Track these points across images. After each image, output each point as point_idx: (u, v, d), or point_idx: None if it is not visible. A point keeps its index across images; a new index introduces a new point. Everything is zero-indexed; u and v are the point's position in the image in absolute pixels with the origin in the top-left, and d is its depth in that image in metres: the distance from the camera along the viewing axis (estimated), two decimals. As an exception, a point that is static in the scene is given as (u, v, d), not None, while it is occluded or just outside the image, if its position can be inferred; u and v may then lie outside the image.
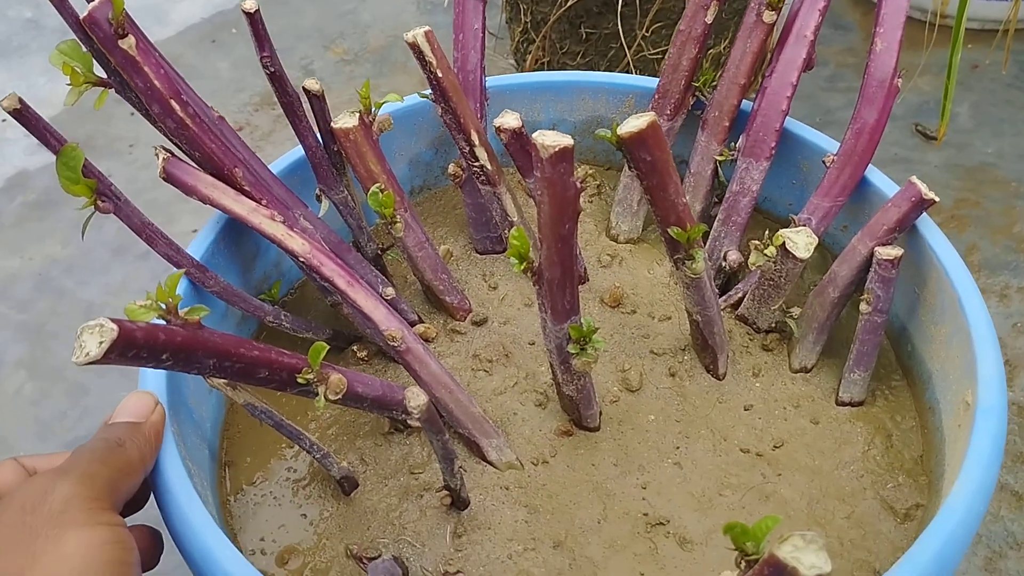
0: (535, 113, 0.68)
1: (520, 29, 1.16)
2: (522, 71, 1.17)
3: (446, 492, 0.50)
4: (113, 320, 0.36)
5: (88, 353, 0.36)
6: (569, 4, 1.04)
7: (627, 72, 1.07)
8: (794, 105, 0.59)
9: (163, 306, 0.43)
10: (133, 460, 0.41)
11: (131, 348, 0.37)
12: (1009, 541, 0.80)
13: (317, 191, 0.59)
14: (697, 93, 0.62)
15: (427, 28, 0.53)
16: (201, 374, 0.44)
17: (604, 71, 1.10)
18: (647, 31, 1.04)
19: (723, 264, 0.61)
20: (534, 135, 0.42)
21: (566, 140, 0.42)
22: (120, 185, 1.19)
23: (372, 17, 1.48)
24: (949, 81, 0.78)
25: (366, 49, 1.42)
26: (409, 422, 0.45)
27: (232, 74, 1.36)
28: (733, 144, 0.61)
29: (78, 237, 1.10)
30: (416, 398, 0.43)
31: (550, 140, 0.42)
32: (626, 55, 1.05)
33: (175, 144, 0.54)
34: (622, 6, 1.00)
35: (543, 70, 1.14)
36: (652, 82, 0.64)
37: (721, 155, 0.61)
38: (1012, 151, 1.15)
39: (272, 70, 0.54)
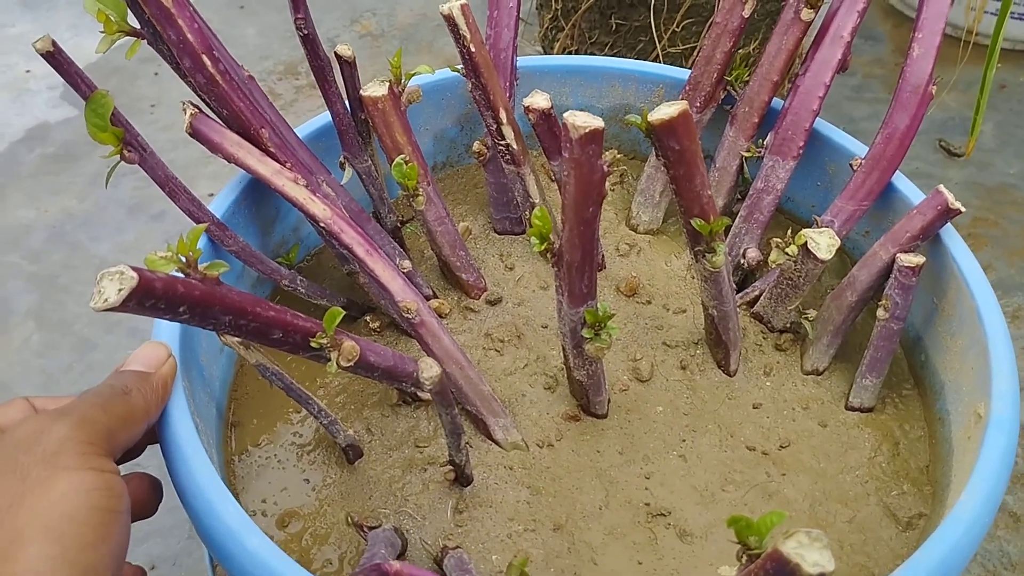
0: (563, 97, 0.68)
1: (550, 16, 1.16)
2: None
3: (450, 467, 0.50)
4: (134, 268, 0.36)
5: (107, 299, 0.35)
6: (602, -7, 1.03)
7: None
8: (820, 114, 0.58)
9: (183, 259, 0.43)
10: (137, 409, 0.41)
11: (150, 297, 0.37)
12: (1004, 561, 0.80)
13: (341, 158, 0.58)
14: (728, 87, 0.62)
15: (463, 1, 0.53)
16: (216, 330, 0.44)
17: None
18: (678, 26, 1.04)
19: (742, 261, 0.60)
20: (565, 115, 0.41)
21: (597, 122, 0.41)
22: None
23: (402, -7, 1.47)
24: (982, 96, 0.78)
25: (394, 26, 1.42)
26: (420, 394, 0.45)
27: (258, 41, 1.36)
28: (761, 141, 0.60)
29: (95, 192, 1.11)
30: (429, 369, 0.43)
31: (581, 121, 0.41)
32: (655, 48, 1.04)
33: (203, 101, 0.53)
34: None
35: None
36: (683, 73, 0.64)
37: (748, 151, 0.61)
38: (1034, 173, 1.15)
39: (305, 32, 0.54)
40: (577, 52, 1.13)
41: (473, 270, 0.60)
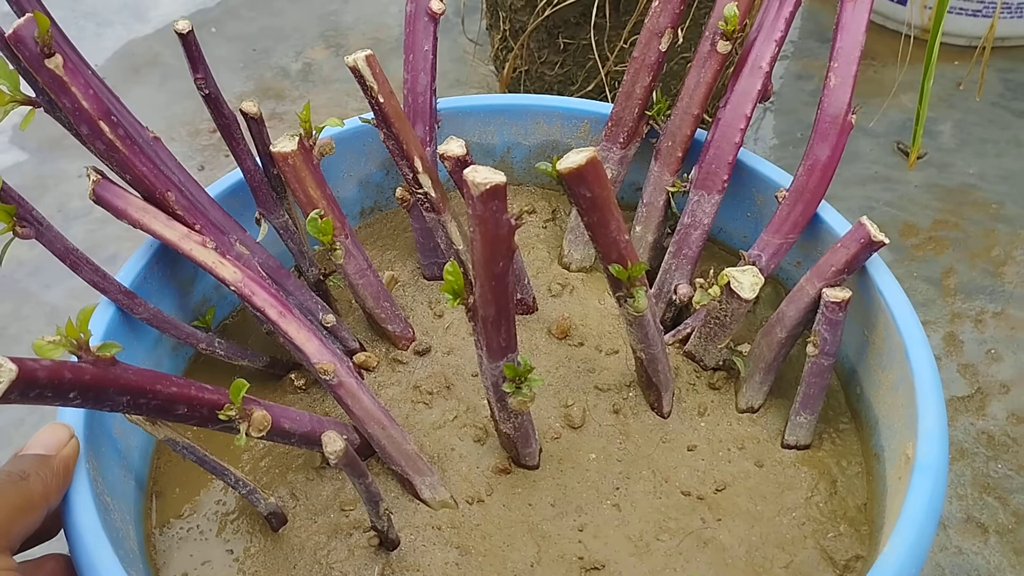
0: (489, 136, 0.66)
1: (499, 36, 1.15)
2: (500, 79, 1.16)
3: (374, 533, 0.48)
4: (13, 359, 0.35)
5: (-14, 394, 0.34)
6: (546, 14, 1.02)
7: (602, 85, 1.05)
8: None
9: (74, 342, 0.41)
10: (34, 495, 0.40)
11: (33, 388, 0.36)
12: (972, 575, 0.79)
13: (257, 215, 0.57)
14: (651, 122, 0.61)
15: (368, 52, 0.52)
16: (114, 411, 0.43)
17: (581, 82, 1.09)
18: (625, 43, 1.03)
19: (673, 297, 0.59)
20: (465, 172, 0.40)
21: (498, 177, 0.40)
22: (79, 195, 1.16)
23: (354, 19, 1.46)
24: (921, 106, 0.77)
25: (347, 51, 1.40)
26: (329, 463, 0.44)
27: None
28: (686, 175, 0.59)
29: (39, 241, 1.09)
30: (332, 443, 0.42)
31: (481, 177, 0.40)
32: (606, 62, 1.03)
33: (107, 166, 0.52)
34: (598, 18, 0.98)
35: (521, 78, 1.13)
36: (607, 108, 0.63)
37: (674, 186, 0.60)
38: (994, 172, 1.14)
39: (207, 92, 0.53)
40: (528, 72, 1.12)
41: (400, 320, 0.59)
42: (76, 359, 0.39)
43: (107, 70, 1.32)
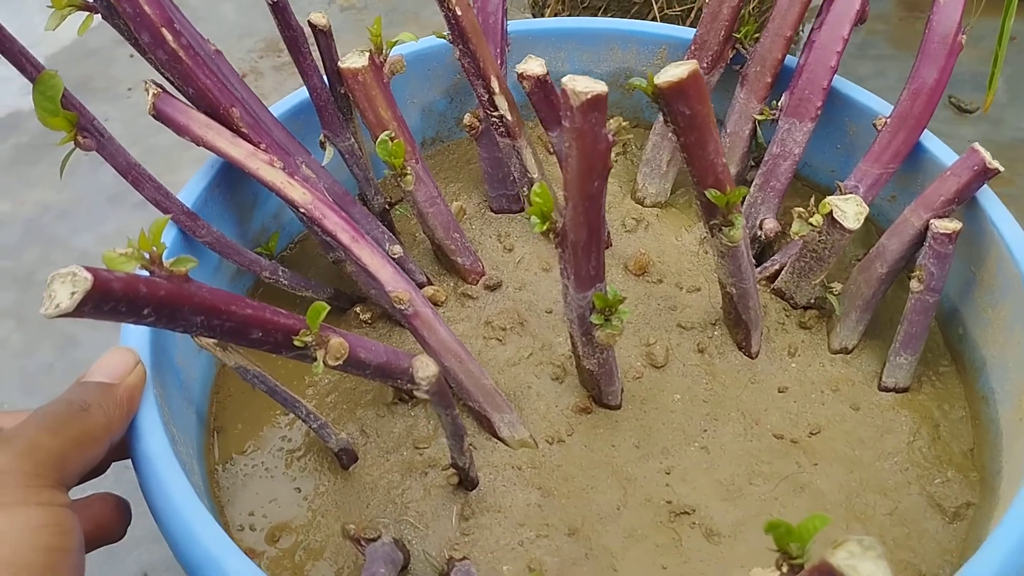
0: (559, 63, 0.63)
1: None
2: (549, 11, 1.11)
3: (453, 470, 0.46)
4: (88, 268, 0.32)
5: (59, 305, 0.31)
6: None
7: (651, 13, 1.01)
8: None
9: (146, 255, 0.38)
10: (96, 427, 0.37)
11: (108, 301, 0.33)
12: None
13: (321, 137, 0.54)
14: (737, 46, 0.57)
15: (446, -40, 0.48)
16: (187, 332, 0.40)
17: (635, 11, 1.04)
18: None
19: (758, 233, 0.56)
20: (564, 80, 0.37)
21: (599, 87, 0.37)
22: (118, 130, 1.13)
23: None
24: (1000, 48, 0.73)
25: (377, -2, 1.36)
26: (416, 393, 0.41)
27: (237, 18, 1.30)
28: (775, 102, 0.56)
29: (72, 182, 1.06)
30: (425, 368, 0.39)
31: (582, 86, 0.37)
32: (651, 11, 0.99)
33: (167, 79, 0.49)
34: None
35: (563, 9, 1.08)
36: (688, 32, 0.59)
37: (761, 114, 0.56)
38: (1047, 127, 1.10)
39: (274, 1, 0.49)
40: (573, 4, 1.07)
41: (469, 253, 0.55)
42: (148, 274, 0.36)
43: None
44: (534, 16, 1.15)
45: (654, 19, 0.98)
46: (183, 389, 0.47)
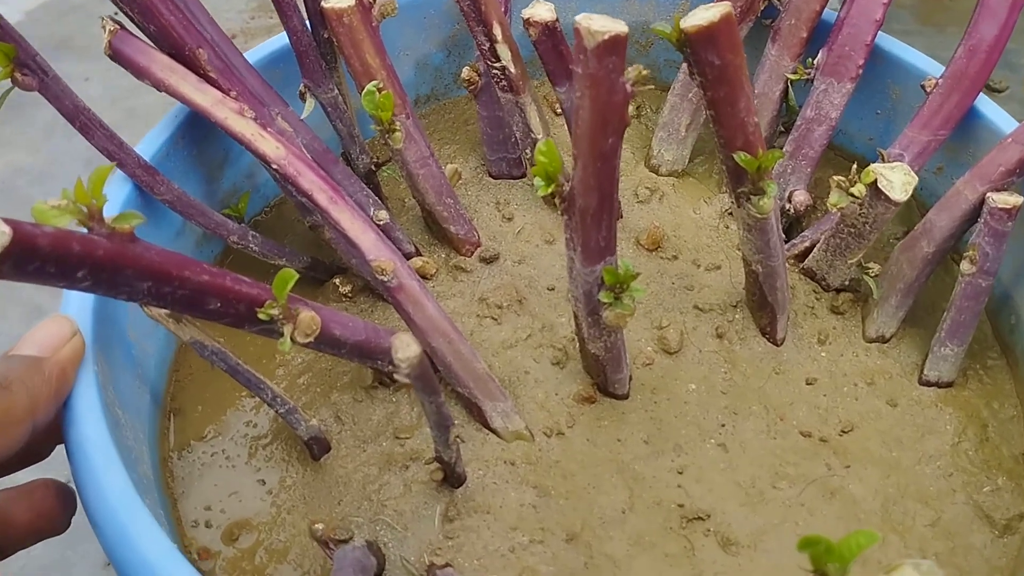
0: (569, 14, 0.57)
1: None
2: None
3: (437, 465, 0.40)
4: (7, 221, 0.26)
5: (-29, 262, 0.26)
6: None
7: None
8: None
9: (84, 209, 0.32)
10: (16, 408, 0.31)
11: (32, 259, 0.27)
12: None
13: (301, 87, 0.48)
14: (770, -4, 0.51)
15: None
16: (132, 300, 0.34)
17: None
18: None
19: (787, 206, 0.50)
20: (578, 18, 0.31)
21: (620, 26, 0.32)
22: (97, 90, 1.07)
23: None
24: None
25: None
26: (396, 376, 0.35)
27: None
28: (810, 60, 0.50)
29: (48, 144, 1.00)
30: (406, 348, 0.34)
31: (598, 24, 0.32)
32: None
33: (127, 17, 0.43)
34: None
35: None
36: (714, -18, 0.53)
37: (795, 73, 0.50)
38: (1081, 108, 1.04)
39: (248, -73, 0.43)
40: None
41: (464, 221, 0.50)
42: (87, 231, 0.30)
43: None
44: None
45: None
46: (135, 366, 0.42)
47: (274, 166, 0.42)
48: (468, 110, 0.58)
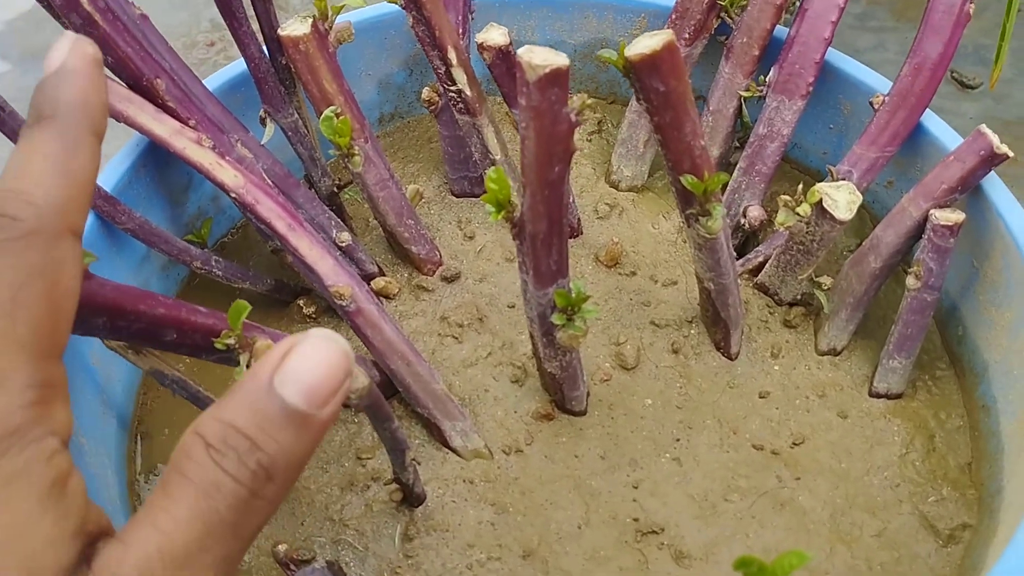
0: (528, 32, 0.58)
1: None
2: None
3: (397, 486, 0.41)
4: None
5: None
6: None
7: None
8: None
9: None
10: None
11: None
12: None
13: (262, 112, 0.49)
14: (722, 14, 0.52)
15: (397, -85, 0.43)
16: (89, 335, 0.35)
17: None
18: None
19: (742, 221, 0.51)
20: (520, 51, 0.32)
21: (560, 59, 0.32)
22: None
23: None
24: (1008, 19, 0.68)
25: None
26: (349, 404, 0.36)
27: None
28: (762, 77, 0.51)
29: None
30: (355, 380, 0.34)
31: (540, 58, 0.32)
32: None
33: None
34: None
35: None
36: (667, 0, 0.54)
37: (747, 90, 0.51)
38: (1056, 103, 1.05)
39: (204, -41, 0.44)
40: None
41: (425, 241, 0.51)
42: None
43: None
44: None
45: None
46: (100, 391, 0.43)
47: (232, 194, 0.43)
48: (432, 128, 0.59)
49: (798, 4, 0.50)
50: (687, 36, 0.52)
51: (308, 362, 0.23)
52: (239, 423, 0.23)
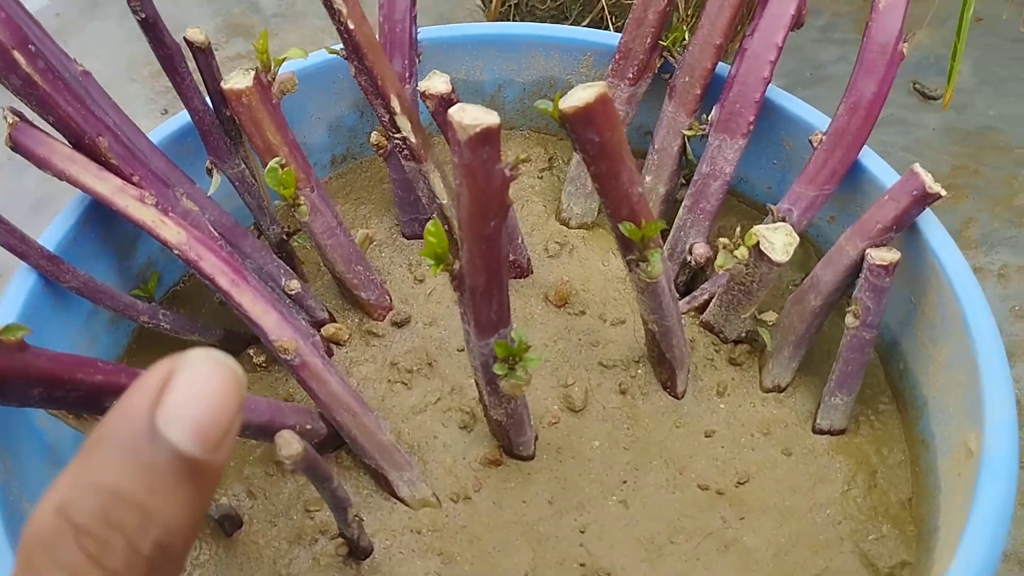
0: (477, 72, 0.58)
1: (486, -34, 1.05)
2: (487, 13, 1.06)
3: (342, 540, 0.42)
4: None
5: None
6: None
7: (601, 19, 0.97)
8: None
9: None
10: None
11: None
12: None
13: (208, 164, 0.49)
14: (665, 54, 0.52)
15: (335, -31, 0.43)
16: (25, 406, 0.35)
17: (576, 16, 1.00)
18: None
19: (688, 258, 0.52)
20: (450, 111, 0.32)
21: (490, 118, 0.33)
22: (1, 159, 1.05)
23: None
24: (959, 39, 0.69)
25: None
26: (284, 469, 0.37)
27: (171, 11, 1.24)
28: (705, 116, 0.51)
29: (-10, 189, 1.00)
30: (288, 446, 0.35)
31: (470, 118, 0.33)
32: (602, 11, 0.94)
33: (27, 105, 0.44)
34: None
35: (510, 13, 1.03)
36: (613, 38, 0.55)
37: (690, 129, 0.52)
38: (1016, 113, 1.06)
39: (143, 16, 0.44)
40: (517, 5, 1.02)
41: (375, 287, 0.51)
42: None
43: (62, 4, 1.22)
44: (483, 4, 1.10)
45: (603, 9, 0.94)
46: (49, 452, 0.43)
47: (175, 251, 0.43)
48: (383, 169, 0.59)
49: (739, 44, 0.51)
50: (631, 76, 0.53)
51: (194, 393, 0.19)
52: (122, 486, 0.17)
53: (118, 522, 0.17)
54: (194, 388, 0.19)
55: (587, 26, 0.96)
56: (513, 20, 1.04)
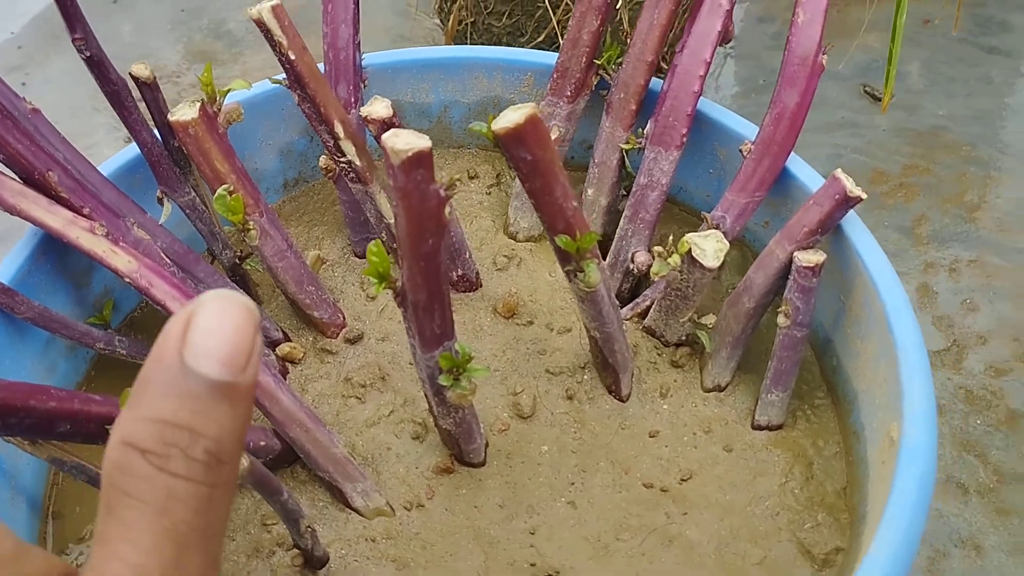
0: (423, 94, 0.60)
1: (443, -14, 1.08)
2: (446, 32, 1.09)
3: (298, 551, 0.43)
4: None
5: None
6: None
7: (553, 35, 0.99)
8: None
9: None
10: None
11: None
12: (953, 538, 0.75)
13: (159, 193, 0.51)
14: (601, 71, 0.55)
15: (275, 2, 0.45)
16: (-19, 434, 0.37)
17: (531, 32, 1.02)
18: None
19: (630, 266, 0.54)
20: (383, 137, 0.34)
21: (423, 142, 0.35)
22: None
23: (288, -25, 1.37)
24: (894, 45, 0.72)
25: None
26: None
27: (134, 38, 1.26)
28: (641, 130, 0.53)
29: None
30: (236, 461, 0.36)
31: (403, 143, 0.34)
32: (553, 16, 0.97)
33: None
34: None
35: (468, 31, 1.06)
36: (551, 58, 0.57)
37: (627, 143, 0.54)
38: (965, 113, 1.09)
39: (88, 54, 0.46)
40: (474, 23, 1.05)
41: (327, 306, 0.53)
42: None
43: (24, 37, 1.23)
44: (441, 22, 1.12)
45: (555, 24, 0.96)
46: (8, 478, 0.44)
47: (127, 279, 0.44)
48: (335, 192, 0.61)
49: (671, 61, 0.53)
50: (569, 93, 0.55)
51: (214, 328, 0.22)
52: (169, 415, 0.21)
53: (173, 441, 0.21)
54: (211, 323, 0.22)
55: (541, 42, 0.99)
56: (470, 38, 1.07)
